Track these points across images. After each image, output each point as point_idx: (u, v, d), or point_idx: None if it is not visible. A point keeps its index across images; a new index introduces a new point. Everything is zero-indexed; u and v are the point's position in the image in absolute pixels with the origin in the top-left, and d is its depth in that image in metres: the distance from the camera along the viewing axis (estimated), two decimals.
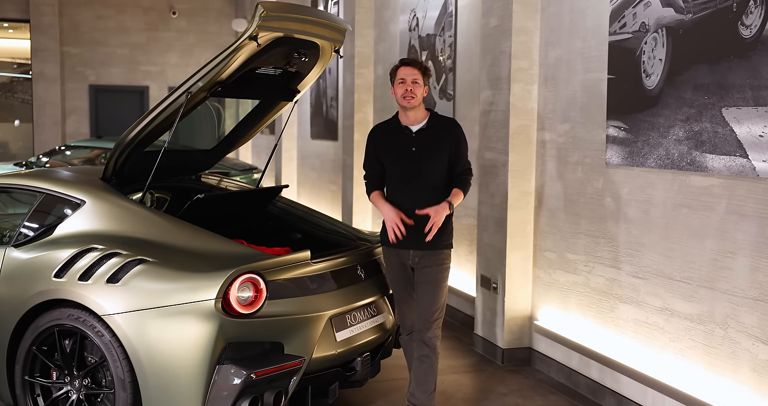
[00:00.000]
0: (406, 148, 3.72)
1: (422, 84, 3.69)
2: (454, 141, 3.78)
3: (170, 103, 3.75)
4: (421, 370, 3.74)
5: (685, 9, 3.60)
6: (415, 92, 3.67)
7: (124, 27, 15.18)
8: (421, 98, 3.71)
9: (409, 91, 3.66)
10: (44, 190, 3.90)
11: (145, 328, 3.26)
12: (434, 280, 3.72)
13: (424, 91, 3.71)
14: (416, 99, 3.67)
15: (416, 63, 3.72)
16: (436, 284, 3.72)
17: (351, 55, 8.25)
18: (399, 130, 3.76)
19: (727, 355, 3.42)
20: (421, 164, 3.70)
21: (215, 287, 3.21)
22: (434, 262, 3.72)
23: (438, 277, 3.73)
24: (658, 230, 3.82)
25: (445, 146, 3.74)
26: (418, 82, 3.67)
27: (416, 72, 3.68)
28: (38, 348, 3.53)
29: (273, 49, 3.78)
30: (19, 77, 15.79)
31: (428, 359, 3.73)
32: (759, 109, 3.19)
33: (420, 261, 3.72)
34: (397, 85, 3.69)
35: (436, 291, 3.72)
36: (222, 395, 3.23)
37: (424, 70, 3.72)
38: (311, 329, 3.49)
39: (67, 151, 10.53)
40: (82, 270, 3.41)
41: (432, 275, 3.72)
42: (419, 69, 3.69)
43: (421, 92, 3.69)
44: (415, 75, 3.67)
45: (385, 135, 3.81)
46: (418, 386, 3.75)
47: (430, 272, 3.73)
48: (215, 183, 4.75)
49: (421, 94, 3.70)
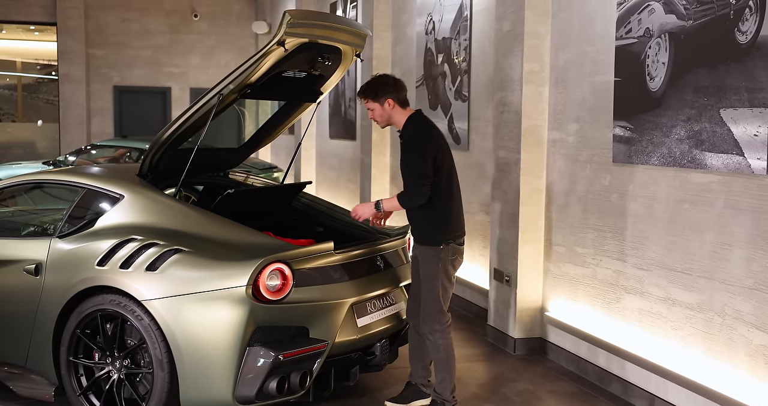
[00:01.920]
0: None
1: (378, 105, 3.92)
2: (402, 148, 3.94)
3: (203, 105, 4.01)
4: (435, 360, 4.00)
5: (686, 16, 3.82)
6: (375, 118, 3.97)
7: (147, 29, 15.53)
8: (385, 117, 3.95)
9: (371, 119, 4.02)
10: (86, 186, 4.17)
11: (181, 312, 3.52)
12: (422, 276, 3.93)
13: (387, 106, 3.92)
14: (381, 121, 3.98)
15: (362, 92, 3.98)
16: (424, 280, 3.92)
17: (369, 57, 8.51)
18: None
19: (724, 341, 3.64)
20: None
21: (246, 274, 3.47)
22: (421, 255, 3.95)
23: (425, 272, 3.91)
24: (661, 224, 4.05)
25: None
26: (372, 108, 3.95)
27: (365, 100, 3.96)
28: (82, 331, 3.79)
29: (299, 53, 4.03)
30: (44, 78, 16.18)
31: (432, 347, 3.95)
32: (754, 110, 3.41)
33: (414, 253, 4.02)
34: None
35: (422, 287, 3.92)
36: (252, 374, 3.49)
37: (373, 92, 3.92)
38: (334, 314, 3.74)
39: (93, 150, 10.84)
40: (122, 259, 3.67)
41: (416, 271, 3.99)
42: (364, 96, 3.96)
43: (380, 112, 3.94)
44: (367, 103, 3.97)
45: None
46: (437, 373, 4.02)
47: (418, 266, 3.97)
48: (242, 180, 5.02)
49: (381, 114, 3.95)
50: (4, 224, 4.89)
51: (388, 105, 3.93)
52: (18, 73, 16.28)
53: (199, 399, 3.54)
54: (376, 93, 3.93)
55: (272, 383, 3.51)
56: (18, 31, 15.81)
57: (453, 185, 3.94)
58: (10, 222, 4.92)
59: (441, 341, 3.93)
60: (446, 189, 3.89)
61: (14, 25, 15.35)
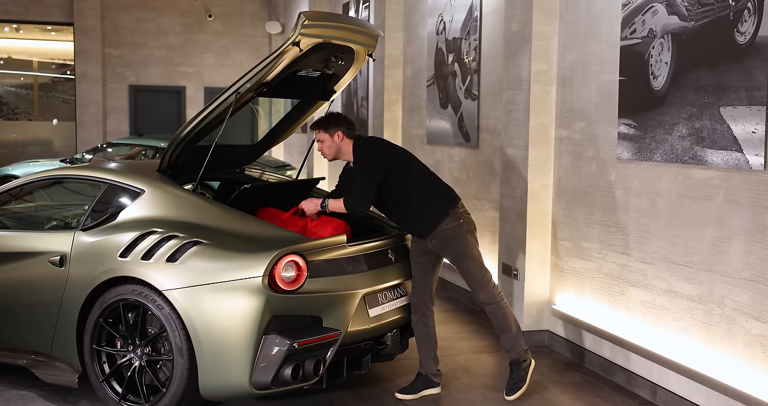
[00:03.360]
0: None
1: (329, 136, 4.21)
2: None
3: (221, 103, 4.16)
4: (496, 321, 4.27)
5: (688, 17, 3.94)
6: (324, 150, 4.26)
7: (162, 29, 15.74)
8: (333, 149, 4.24)
9: (320, 151, 4.26)
10: (108, 181, 4.33)
11: (200, 301, 3.67)
12: (457, 254, 4.19)
13: (336, 137, 4.21)
14: (329, 154, 4.27)
15: (316, 124, 4.26)
16: (460, 257, 4.20)
17: (381, 57, 8.65)
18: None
19: (724, 331, 3.77)
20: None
21: (263, 265, 3.62)
22: (446, 237, 4.16)
23: (459, 250, 4.19)
24: (664, 218, 4.17)
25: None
26: (323, 140, 4.21)
27: (318, 132, 4.23)
28: (105, 320, 3.94)
29: (313, 53, 4.18)
30: (60, 77, 16.42)
31: (490, 312, 4.26)
32: (752, 108, 3.53)
33: (437, 243, 4.18)
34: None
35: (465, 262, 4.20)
36: (268, 361, 3.63)
37: (326, 125, 4.21)
38: (347, 305, 3.89)
39: (109, 148, 11.03)
40: (144, 251, 3.83)
41: (453, 252, 4.20)
42: (318, 129, 4.23)
43: (330, 144, 4.22)
44: (319, 135, 4.23)
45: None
46: (500, 334, 4.29)
47: (450, 250, 4.20)
48: (258, 175, 5.18)
49: (330, 146, 4.23)
50: (29, 218, 5.07)
51: (338, 134, 4.22)
52: (34, 73, 16.52)
53: (217, 385, 3.69)
54: (329, 125, 4.23)
55: (287, 370, 3.64)
56: (35, 31, 16.05)
57: (425, 172, 4.28)
58: (33, 216, 5.10)
59: (506, 303, 4.27)
60: (419, 178, 4.23)
61: (31, 25, 15.60)
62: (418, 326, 4.31)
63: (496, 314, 4.25)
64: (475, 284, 4.23)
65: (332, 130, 4.21)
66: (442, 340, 5.30)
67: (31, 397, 4.24)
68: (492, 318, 4.28)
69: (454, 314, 6.19)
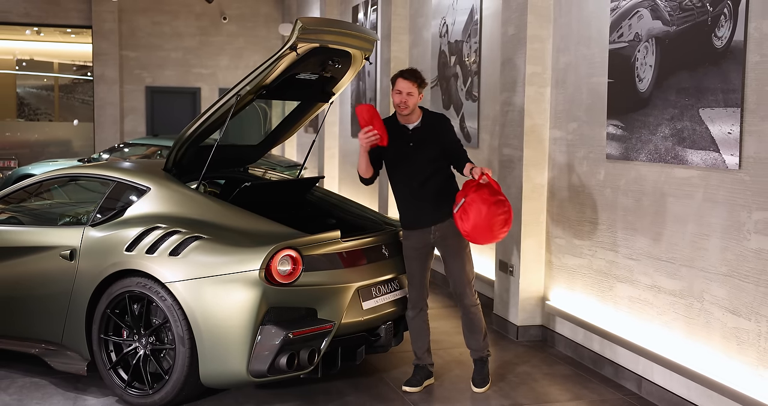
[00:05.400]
0: (404, 143, 4.30)
1: (416, 94, 4.23)
2: (444, 131, 4.35)
3: (222, 105, 4.36)
4: (468, 322, 4.40)
5: (670, 21, 4.09)
6: (408, 103, 4.22)
7: (178, 32, 16.03)
8: (414, 106, 4.25)
9: (403, 102, 4.22)
10: (116, 179, 4.55)
11: (201, 293, 3.86)
12: (458, 249, 4.32)
13: (418, 98, 4.26)
14: (409, 109, 4.23)
15: (413, 77, 4.24)
16: (460, 253, 4.33)
17: (387, 59, 8.83)
18: (398, 128, 4.32)
19: (702, 324, 3.91)
20: (417, 155, 4.28)
21: (259, 259, 3.81)
22: (452, 232, 4.28)
23: (460, 245, 4.32)
24: (649, 216, 4.32)
25: (436, 138, 4.32)
26: (412, 93, 4.22)
27: (411, 85, 4.21)
28: (112, 311, 4.15)
29: (310, 57, 4.37)
30: (80, 79, 16.74)
31: (472, 314, 4.38)
32: (728, 109, 3.67)
33: (441, 234, 4.29)
34: (395, 93, 4.24)
35: (463, 259, 4.34)
36: (264, 351, 3.81)
37: (420, 81, 4.24)
38: (341, 297, 4.07)
39: (126, 148, 11.27)
40: (148, 245, 4.03)
41: (454, 246, 4.32)
42: (414, 82, 4.22)
43: (415, 101, 4.24)
44: (410, 88, 4.21)
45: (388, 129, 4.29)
46: (471, 335, 4.42)
47: (452, 244, 4.31)
48: (260, 174, 5.37)
49: (415, 103, 4.25)
50: (43, 214, 5.31)
51: (420, 96, 4.27)
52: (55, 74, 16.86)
53: (216, 373, 3.88)
54: (422, 83, 4.25)
55: (283, 359, 3.82)
56: (55, 34, 16.39)
57: None
58: (48, 213, 5.34)
59: (477, 303, 4.41)
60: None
61: (52, 28, 15.94)
62: (416, 321, 4.45)
63: (477, 315, 4.39)
64: (466, 284, 4.35)
65: (422, 88, 4.26)
66: (439, 334, 5.48)
67: (44, 384, 4.46)
68: (473, 320, 4.39)
69: (453, 309, 6.35)
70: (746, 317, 3.60)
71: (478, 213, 4.01)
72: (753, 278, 3.56)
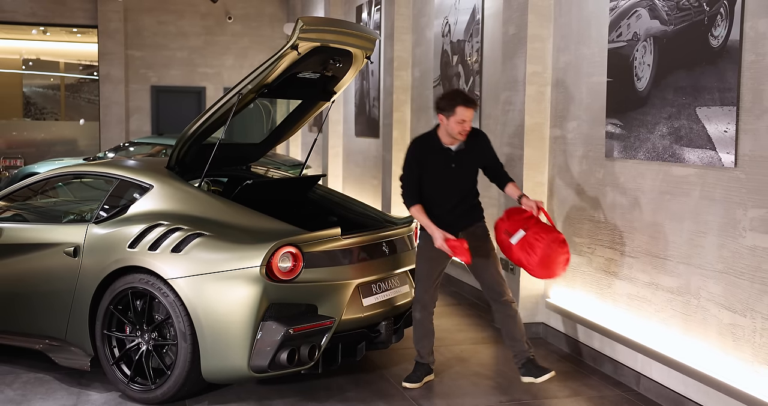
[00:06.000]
0: (447, 165, 4.34)
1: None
2: (486, 148, 4.47)
3: (224, 103, 4.41)
4: (510, 324, 4.42)
5: (668, 21, 4.12)
6: (467, 130, 4.27)
7: (183, 32, 16.10)
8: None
9: (465, 131, 4.25)
10: (119, 177, 4.60)
11: (202, 290, 3.91)
12: (489, 250, 4.42)
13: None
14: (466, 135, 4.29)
15: (473, 104, 4.24)
16: (492, 253, 4.43)
17: (390, 58, 8.87)
18: (441, 151, 4.34)
19: (699, 321, 3.94)
20: (457, 177, 4.36)
21: (261, 256, 3.86)
22: (481, 233, 4.40)
23: (489, 247, 4.43)
24: (647, 214, 4.35)
25: (479, 157, 4.43)
26: (471, 119, 4.26)
27: (473, 113, 4.24)
28: (115, 307, 4.20)
29: (311, 56, 4.41)
30: (86, 78, 16.83)
31: (513, 311, 4.42)
32: (724, 108, 3.70)
33: (467, 238, 4.34)
34: (456, 122, 4.21)
35: (495, 260, 4.43)
36: (265, 346, 3.86)
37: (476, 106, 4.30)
38: (341, 294, 4.12)
39: (131, 147, 11.32)
40: (151, 242, 4.08)
41: (485, 248, 4.41)
42: (475, 109, 4.26)
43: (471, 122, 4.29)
44: (472, 116, 4.24)
45: (429, 154, 4.35)
46: (513, 339, 4.42)
47: (482, 246, 4.40)
48: (263, 172, 5.42)
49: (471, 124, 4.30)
50: (48, 212, 5.37)
51: None
52: (61, 74, 16.95)
53: (217, 368, 3.93)
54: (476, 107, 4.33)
55: (283, 355, 3.87)
56: (61, 34, 16.49)
57: None
58: (53, 210, 5.40)
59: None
60: None
61: (58, 27, 16.03)
62: (424, 323, 4.45)
63: (518, 313, 4.44)
64: (503, 281, 4.43)
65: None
66: (442, 331, 5.52)
67: (48, 379, 4.51)
68: (515, 317, 4.40)
69: (457, 307, 6.39)
70: (741, 314, 3.64)
71: (548, 250, 4.25)
72: (748, 274, 3.59)
